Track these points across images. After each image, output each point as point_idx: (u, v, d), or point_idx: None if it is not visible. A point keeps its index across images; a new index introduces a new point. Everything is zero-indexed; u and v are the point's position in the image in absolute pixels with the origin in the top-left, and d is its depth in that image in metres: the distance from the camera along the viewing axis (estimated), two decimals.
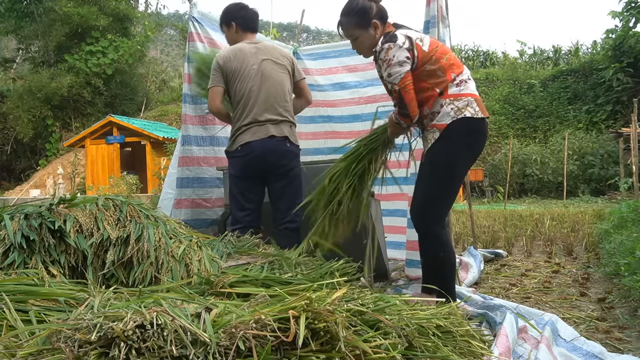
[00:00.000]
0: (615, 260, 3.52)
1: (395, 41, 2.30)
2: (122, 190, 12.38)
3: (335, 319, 1.22)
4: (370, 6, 2.41)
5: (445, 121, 2.32)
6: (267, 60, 3.04)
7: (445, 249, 2.38)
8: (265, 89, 2.98)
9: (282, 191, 3.02)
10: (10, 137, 20.97)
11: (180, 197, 3.63)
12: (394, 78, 2.30)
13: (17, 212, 1.92)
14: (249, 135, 2.93)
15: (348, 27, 2.47)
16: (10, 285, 1.52)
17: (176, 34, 30.71)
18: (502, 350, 1.76)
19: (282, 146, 2.96)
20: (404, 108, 2.32)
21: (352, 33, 2.47)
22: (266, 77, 3.00)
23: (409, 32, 2.38)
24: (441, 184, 2.38)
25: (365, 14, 2.40)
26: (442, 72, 2.34)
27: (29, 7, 20.23)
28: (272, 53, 3.08)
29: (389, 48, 2.30)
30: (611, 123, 17.04)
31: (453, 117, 2.31)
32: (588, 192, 15.13)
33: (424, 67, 2.33)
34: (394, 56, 2.28)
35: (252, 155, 2.92)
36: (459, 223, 6.86)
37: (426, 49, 2.34)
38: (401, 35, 2.33)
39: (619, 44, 16.95)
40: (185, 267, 1.98)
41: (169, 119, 20.71)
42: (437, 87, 2.34)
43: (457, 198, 11.43)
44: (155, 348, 1.10)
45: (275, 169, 2.97)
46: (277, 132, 2.95)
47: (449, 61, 2.38)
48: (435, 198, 2.40)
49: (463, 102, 2.34)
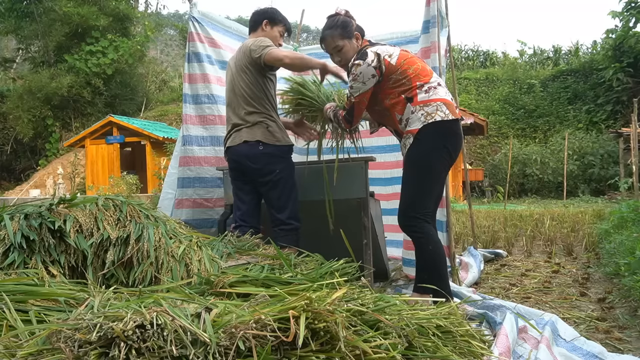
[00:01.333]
0: (615, 260, 3.52)
1: (365, 59, 2.51)
2: (122, 190, 12.38)
3: (335, 319, 1.22)
4: (350, 20, 2.67)
5: (417, 126, 2.51)
6: (232, 63, 3.06)
7: (432, 242, 2.52)
8: (231, 95, 3.04)
9: (267, 195, 3.00)
10: (10, 137, 20.98)
11: (182, 197, 3.63)
12: (354, 91, 2.57)
13: (17, 212, 1.92)
14: (229, 139, 3.05)
15: (333, 39, 2.66)
16: (10, 285, 1.52)
17: (176, 34, 30.71)
18: (502, 350, 1.76)
19: (254, 150, 2.92)
20: (350, 116, 2.68)
21: (337, 44, 2.65)
22: (229, 81, 3.07)
23: (380, 49, 2.57)
24: (420, 183, 2.55)
25: (348, 25, 2.65)
26: (407, 81, 2.54)
27: (29, 7, 20.22)
28: (238, 53, 3.06)
29: (358, 64, 2.51)
30: (611, 123, 17.06)
31: (424, 122, 2.49)
32: (588, 192, 15.13)
33: (390, 77, 2.55)
34: (360, 73, 2.51)
35: (230, 159, 3.07)
36: (459, 223, 6.86)
37: (394, 62, 2.53)
38: (371, 53, 2.52)
39: (619, 44, 16.96)
40: (185, 267, 1.98)
41: (169, 119, 20.71)
42: (403, 93, 2.55)
43: (457, 198, 11.40)
44: (155, 348, 1.10)
45: (252, 173, 2.97)
46: (249, 136, 2.94)
47: (416, 71, 2.55)
48: (417, 196, 2.55)
49: (432, 107, 2.50)
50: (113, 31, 20.69)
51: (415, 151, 2.53)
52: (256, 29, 3.11)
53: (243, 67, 2.96)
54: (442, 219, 3.27)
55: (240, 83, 2.97)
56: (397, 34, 4.14)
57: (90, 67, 19.74)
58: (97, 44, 20.01)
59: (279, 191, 2.95)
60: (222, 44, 3.87)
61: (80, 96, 19.87)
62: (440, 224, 3.28)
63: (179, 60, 30.48)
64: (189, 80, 3.71)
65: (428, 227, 2.53)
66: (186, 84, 3.73)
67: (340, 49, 2.65)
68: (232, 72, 3.04)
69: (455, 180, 13.93)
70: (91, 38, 20.11)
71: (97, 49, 19.95)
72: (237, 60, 3.01)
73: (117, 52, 20.13)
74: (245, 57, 2.95)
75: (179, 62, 30.50)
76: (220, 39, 3.86)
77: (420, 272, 2.54)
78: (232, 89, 3.03)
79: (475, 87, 21.72)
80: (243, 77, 2.96)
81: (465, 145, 14.40)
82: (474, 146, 18.97)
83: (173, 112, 21.17)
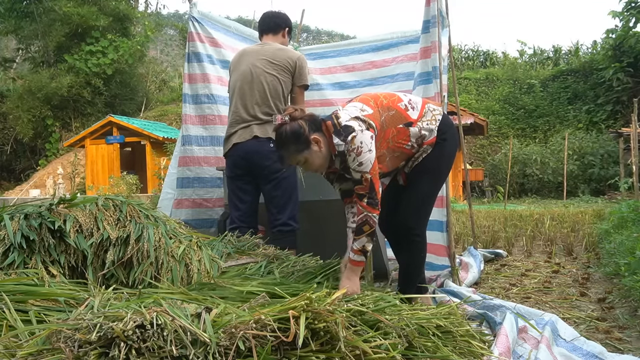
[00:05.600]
0: (615, 260, 3.52)
1: (354, 129, 2.17)
2: (122, 190, 12.37)
3: (335, 319, 1.22)
4: (300, 126, 2.20)
5: (432, 135, 2.40)
6: (262, 60, 3.02)
7: (425, 249, 2.56)
8: (246, 88, 3.00)
9: (270, 194, 2.99)
10: (10, 137, 20.97)
11: (181, 197, 3.63)
12: (365, 166, 2.17)
13: (17, 212, 1.92)
14: (236, 136, 3.00)
15: (291, 157, 2.23)
16: (10, 285, 1.52)
17: (176, 34, 30.68)
18: (502, 350, 1.76)
19: (265, 147, 2.91)
20: (374, 196, 2.19)
21: (298, 159, 2.23)
22: (246, 73, 3.02)
23: (350, 113, 2.25)
24: (433, 187, 2.52)
25: (299, 136, 2.19)
26: (394, 111, 2.34)
27: (29, 7, 20.21)
28: (268, 51, 3.06)
29: (353, 137, 2.15)
30: (611, 123, 17.06)
31: (433, 128, 2.39)
32: (588, 192, 15.13)
33: (382, 121, 2.29)
34: (361, 142, 2.15)
35: (236, 156, 3.00)
36: (459, 223, 6.85)
37: (372, 111, 2.27)
38: (352, 121, 2.20)
39: (619, 43, 16.96)
40: (185, 267, 1.98)
41: (169, 119, 20.70)
42: (399, 124, 2.33)
43: (457, 198, 11.35)
44: (155, 348, 1.10)
45: (260, 170, 2.95)
46: (260, 132, 2.94)
47: (389, 98, 2.38)
48: (428, 201, 2.53)
49: (428, 114, 2.41)
50: (113, 31, 20.69)
51: (434, 157, 2.41)
52: (277, 33, 3.17)
53: (274, 69, 2.98)
54: (442, 219, 3.26)
55: (265, 81, 2.98)
56: (397, 34, 4.14)
57: (90, 67, 19.73)
58: (97, 44, 20.00)
59: (282, 190, 2.96)
60: (224, 44, 3.87)
61: (80, 96, 19.87)
62: (440, 224, 3.28)
63: (179, 60, 30.46)
64: (188, 80, 3.71)
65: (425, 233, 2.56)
66: (186, 84, 3.73)
67: (305, 162, 2.24)
68: (256, 67, 3.00)
69: (455, 180, 13.92)
70: (91, 38, 20.10)
71: (97, 49, 19.94)
72: (267, 58, 3.00)
73: (117, 52, 20.12)
74: (285, 62, 2.99)
75: (179, 62, 30.48)
76: (222, 38, 3.86)
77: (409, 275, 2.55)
78: (250, 83, 2.99)
79: (475, 87, 21.72)
80: (269, 78, 2.98)
81: (465, 145, 14.39)
82: (474, 146, 18.98)
83: (173, 112, 21.16)
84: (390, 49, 4.10)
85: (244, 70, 3.04)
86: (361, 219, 2.18)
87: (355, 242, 2.18)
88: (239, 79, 3.05)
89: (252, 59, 3.04)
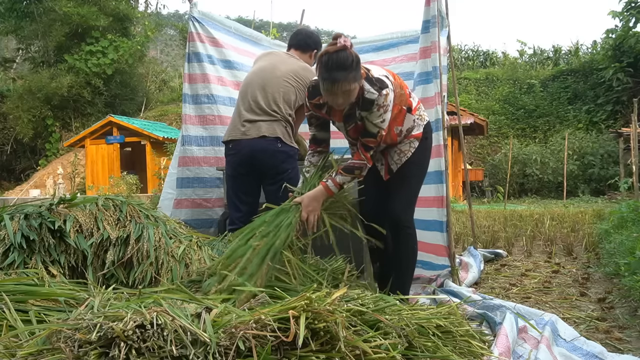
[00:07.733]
0: (615, 260, 3.52)
1: (389, 87, 2.22)
2: (122, 190, 12.37)
3: (335, 319, 1.22)
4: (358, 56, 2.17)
5: (419, 130, 2.56)
6: (287, 67, 3.00)
7: (416, 241, 2.62)
8: (263, 84, 2.96)
9: (274, 195, 2.92)
10: (10, 137, 20.96)
11: (181, 197, 3.63)
12: (384, 124, 2.26)
13: (17, 212, 1.92)
14: (240, 132, 2.95)
15: (348, 83, 2.12)
16: (10, 285, 1.52)
17: (176, 34, 30.67)
18: (502, 350, 1.76)
19: (272, 146, 2.89)
20: (376, 150, 2.38)
21: (349, 88, 2.13)
22: (268, 69, 2.99)
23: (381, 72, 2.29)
24: (420, 182, 2.65)
25: (359, 65, 2.16)
26: (403, 91, 2.46)
27: (29, 7, 20.20)
28: (298, 67, 3.03)
29: (387, 94, 2.20)
30: (611, 123, 17.05)
31: (422, 124, 2.57)
32: (588, 192, 15.13)
33: (395, 95, 2.36)
34: (390, 101, 2.23)
35: (241, 154, 2.93)
36: (459, 223, 6.85)
37: (393, 80, 2.33)
38: (385, 79, 2.24)
39: (619, 43, 16.96)
40: (185, 267, 1.98)
41: (169, 119, 20.70)
42: (403, 105, 2.46)
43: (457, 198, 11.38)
44: (155, 348, 1.10)
45: (266, 169, 2.92)
46: (268, 131, 2.90)
47: (400, 79, 2.50)
48: (416, 195, 2.64)
49: (421, 110, 2.60)
50: (113, 31, 20.67)
51: (421, 150, 2.57)
52: (305, 52, 3.15)
53: (295, 81, 2.97)
54: (442, 219, 3.26)
55: (283, 84, 2.95)
56: (397, 34, 4.13)
57: (90, 67, 19.72)
58: (97, 44, 19.98)
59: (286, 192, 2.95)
60: (225, 43, 3.86)
61: (80, 96, 19.86)
62: (440, 224, 3.28)
63: (179, 60, 30.46)
64: (188, 80, 3.71)
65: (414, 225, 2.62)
66: (186, 84, 3.73)
67: (350, 92, 2.16)
68: (280, 70, 2.98)
69: (455, 180, 13.93)
70: (91, 38, 20.10)
71: (97, 49, 19.93)
72: (292, 68, 2.99)
73: (117, 52, 20.11)
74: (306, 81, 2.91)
75: (179, 62, 30.48)
76: (223, 38, 3.86)
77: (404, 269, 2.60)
78: (271, 78, 2.96)
79: (475, 87, 21.72)
80: (288, 84, 2.96)
81: (465, 145, 14.39)
82: (474, 146, 18.98)
83: (173, 112, 21.15)
84: (390, 49, 4.10)
85: (267, 66, 3.01)
86: (358, 163, 2.30)
87: (339, 176, 2.28)
88: (261, 69, 3.02)
89: (278, 61, 3.03)
